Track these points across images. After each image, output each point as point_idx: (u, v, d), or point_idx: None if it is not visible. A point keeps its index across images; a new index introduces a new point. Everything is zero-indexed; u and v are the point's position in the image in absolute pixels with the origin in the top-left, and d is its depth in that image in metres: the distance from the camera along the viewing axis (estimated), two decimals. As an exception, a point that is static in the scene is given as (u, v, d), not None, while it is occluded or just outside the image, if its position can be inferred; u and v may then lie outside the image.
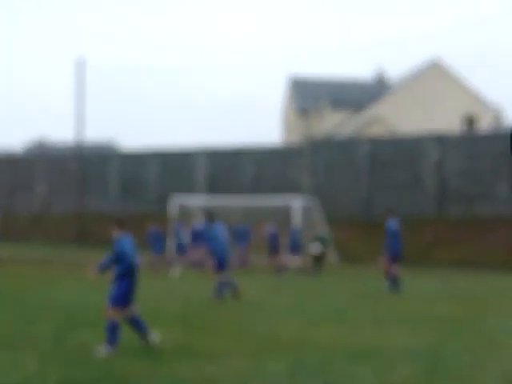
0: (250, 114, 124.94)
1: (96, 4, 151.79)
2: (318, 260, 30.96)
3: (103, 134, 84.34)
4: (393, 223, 21.30)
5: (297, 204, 37.54)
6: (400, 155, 41.47)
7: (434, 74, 62.58)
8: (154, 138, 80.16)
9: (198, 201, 42.31)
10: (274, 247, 30.64)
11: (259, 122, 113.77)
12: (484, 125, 60.65)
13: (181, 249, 29.68)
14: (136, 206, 48.79)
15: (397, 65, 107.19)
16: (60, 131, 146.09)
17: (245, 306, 17.53)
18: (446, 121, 57.13)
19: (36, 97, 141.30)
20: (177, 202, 40.94)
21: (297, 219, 36.98)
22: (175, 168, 49.49)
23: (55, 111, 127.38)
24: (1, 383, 9.09)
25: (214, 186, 47.55)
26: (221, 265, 18.47)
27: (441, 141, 40.26)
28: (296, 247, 30.35)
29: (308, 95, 70.10)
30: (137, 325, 11.52)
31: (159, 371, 9.88)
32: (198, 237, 29.37)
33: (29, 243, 49.26)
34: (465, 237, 37.79)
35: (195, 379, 9.51)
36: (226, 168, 47.40)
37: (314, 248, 30.86)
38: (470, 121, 62.21)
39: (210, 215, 19.60)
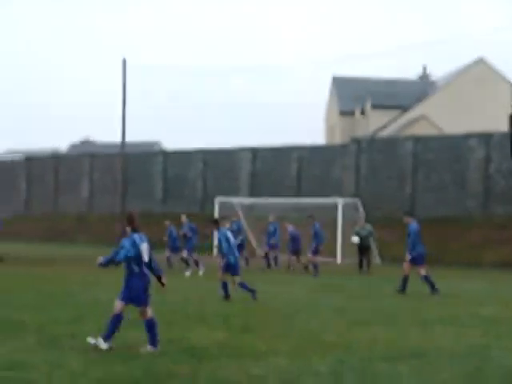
0: (295, 114, 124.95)
1: (145, 5, 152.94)
2: (362, 253, 31.04)
3: (149, 135, 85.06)
4: (415, 225, 21.40)
5: (340, 204, 37.45)
6: (445, 154, 41.10)
7: (480, 73, 61.96)
8: (199, 139, 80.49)
9: (241, 202, 42.45)
10: (294, 247, 30.60)
11: (304, 122, 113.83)
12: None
13: (174, 248, 29.63)
14: (180, 205, 48.99)
15: (442, 64, 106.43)
16: (107, 133, 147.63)
17: (287, 305, 17.49)
18: (492, 120, 56.48)
19: (84, 98, 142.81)
20: (220, 202, 41.18)
21: (340, 219, 36.89)
22: (219, 166, 49.64)
23: (103, 113, 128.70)
24: (47, 382, 9.16)
25: (258, 183, 47.63)
26: (228, 267, 18.60)
27: (486, 140, 39.82)
28: (319, 245, 29.18)
29: (352, 95, 69.84)
30: (115, 324, 11.23)
31: (202, 370, 9.89)
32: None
33: (74, 243, 49.77)
34: (511, 237, 37.32)
35: (238, 378, 9.50)
36: (270, 166, 47.45)
37: (356, 240, 30.93)
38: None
39: (215, 221, 19.90)
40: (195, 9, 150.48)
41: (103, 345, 11.05)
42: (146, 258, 11.27)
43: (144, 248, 11.29)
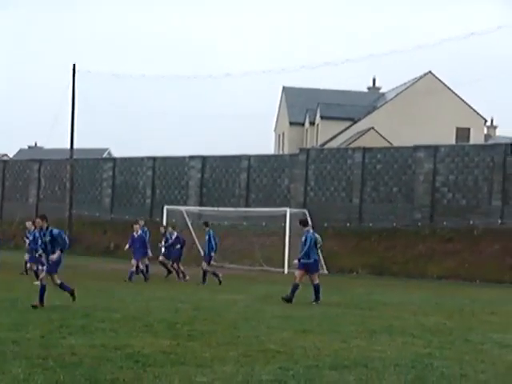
0: (244, 125, 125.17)
1: (95, 10, 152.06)
2: None
3: (99, 143, 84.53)
4: (311, 234, 21.50)
5: (288, 214, 37.54)
6: (393, 166, 41.52)
7: (428, 86, 62.66)
8: (149, 147, 79.97)
9: (189, 210, 42.38)
10: (177, 253, 29.69)
11: (255, 131, 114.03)
12: (477, 137, 60.78)
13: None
14: (128, 212, 48.71)
15: (391, 76, 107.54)
16: (56, 139, 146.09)
17: (233, 313, 17.49)
18: (440, 133, 57.20)
19: (33, 105, 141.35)
20: (168, 210, 41.09)
21: (287, 229, 36.99)
22: (169, 173, 49.54)
23: (52, 119, 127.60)
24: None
25: (207, 192, 47.61)
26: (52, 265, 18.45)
27: (434, 152, 40.31)
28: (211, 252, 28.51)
29: (302, 106, 70.11)
30: None
31: (146, 377, 9.83)
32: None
33: (20, 249, 49.03)
34: (457, 250, 37.82)
35: (182, 386, 9.46)
36: (219, 174, 47.49)
37: None
38: (463, 133, 62.29)
39: (44, 217, 18.26)
40: (143, 17, 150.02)
41: None
42: None
43: None
